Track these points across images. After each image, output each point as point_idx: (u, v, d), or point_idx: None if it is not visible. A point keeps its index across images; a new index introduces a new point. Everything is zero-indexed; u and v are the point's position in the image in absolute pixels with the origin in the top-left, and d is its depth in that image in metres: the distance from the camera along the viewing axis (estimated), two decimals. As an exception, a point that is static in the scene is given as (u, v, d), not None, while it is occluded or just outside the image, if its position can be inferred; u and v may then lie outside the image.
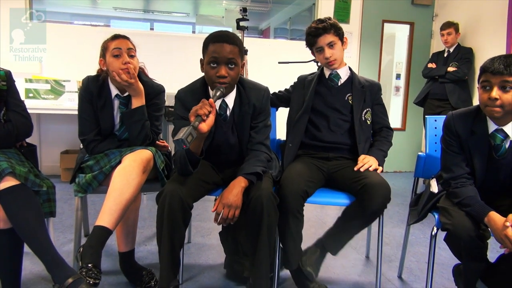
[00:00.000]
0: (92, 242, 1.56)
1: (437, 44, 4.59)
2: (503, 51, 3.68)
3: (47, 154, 3.83)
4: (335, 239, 1.78)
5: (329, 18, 1.91)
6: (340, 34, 1.90)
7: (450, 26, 3.95)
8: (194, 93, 1.70)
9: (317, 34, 1.89)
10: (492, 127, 1.54)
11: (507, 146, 1.53)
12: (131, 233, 1.85)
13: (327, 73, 1.99)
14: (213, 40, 1.61)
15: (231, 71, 1.61)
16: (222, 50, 1.58)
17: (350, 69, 2.01)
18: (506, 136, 1.52)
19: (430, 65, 4.08)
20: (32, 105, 3.30)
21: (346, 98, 1.95)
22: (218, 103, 1.69)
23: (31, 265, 1.92)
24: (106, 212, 1.62)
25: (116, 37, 1.87)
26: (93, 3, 6.56)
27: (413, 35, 4.74)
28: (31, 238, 1.48)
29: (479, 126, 1.56)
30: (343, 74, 1.98)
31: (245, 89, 1.74)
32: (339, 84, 1.97)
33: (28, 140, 1.91)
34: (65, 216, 2.75)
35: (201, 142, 1.54)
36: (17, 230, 1.48)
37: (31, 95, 3.46)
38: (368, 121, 1.95)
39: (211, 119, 1.46)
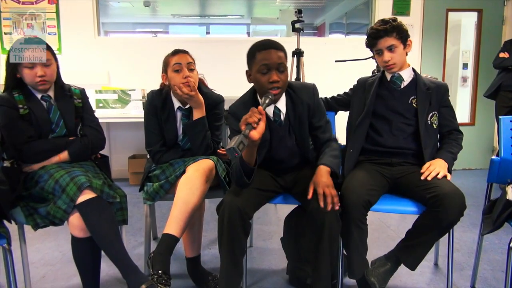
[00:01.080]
0: (161, 250, 1.66)
1: (509, 31, 4.23)
2: None
3: (116, 159, 4.09)
4: (411, 253, 1.70)
5: (394, 20, 1.83)
6: (402, 37, 1.82)
7: None
8: (246, 105, 1.72)
9: (377, 36, 1.82)
10: None
11: None
12: (197, 239, 1.92)
13: (388, 75, 1.92)
14: (259, 48, 1.65)
15: (282, 75, 1.64)
16: (271, 56, 1.61)
17: (414, 70, 1.92)
18: None
19: (502, 54, 3.76)
20: (102, 115, 3.55)
21: (409, 101, 1.86)
22: (271, 109, 1.72)
23: (107, 268, 2.07)
24: (173, 221, 1.71)
25: (176, 52, 1.95)
26: (153, 11, 6.86)
27: (482, 23, 4.40)
28: (108, 247, 1.60)
29: None
30: (406, 76, 1.89)
31: (294, 90, 1.76)
32: (402, 86, 1.89)
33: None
34: (134, 219, 2.93)
35: (254, 151, 1.55)
36: (96, 239, 1.61)
37: (101, 105, 3.72)
38: (434, 125, 1.85)
39: (261, 127, 1.47)
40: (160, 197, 1.91)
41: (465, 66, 4.88)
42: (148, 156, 2.12)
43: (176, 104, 2.00)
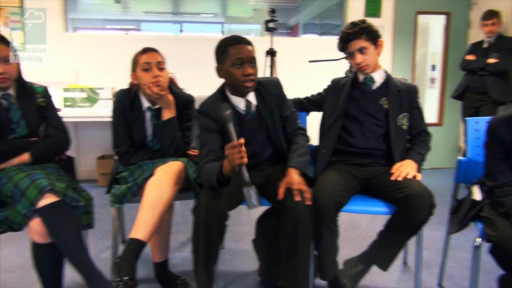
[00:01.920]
0: (128, 255, 1.60)
1: (475, 34, 4.36)
2: (549, 40, 3.45)
3: (85, 160, 3.95)
4: (383, 253, 1.72)
5: (363, 22, 1.85)
6: (373, 38, 1.83)
7: (494, 15, 3.71)
8: (217, 102, 1.72)
9: (348, 39, 1.83)
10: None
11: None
12: (165, 243, 1.88)
13: (361, 77, 1.93)
14: (231, 43, 1.67)
15: (254, 69, 1.70)
16: (244, 51, 1.66)
17: (386, 72, 1.94)
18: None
19: (468, 57, 3.87)
20: (69, 114, 3.43)
21: (381, 102, 1.88)
22: (242, 102, 1.76)
23: (71, 273, 1.98)
24: (140, 225, 1.65)
25: (145, 50, 1.90)
26: (124, 7, 6.71)
27: (450, 26, 4.53)
28: (71, 254, 1.53)
29: (526, 131, 1.46)
30: (378, 78, 1.91)
31: (261, 84, 1.80)
32: (373, 88, 1.91)
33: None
34: (102, 222, 2.83)
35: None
36: (58, 245, 1.53)
37: (68, 103, 3.59)
38: (404, 126, 1.88)
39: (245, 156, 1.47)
40: (127, 200, 1.85)
41: (433, 67, 5.01)
42: (115, 157, 2.05)
43: (145, 104, 1.95)
